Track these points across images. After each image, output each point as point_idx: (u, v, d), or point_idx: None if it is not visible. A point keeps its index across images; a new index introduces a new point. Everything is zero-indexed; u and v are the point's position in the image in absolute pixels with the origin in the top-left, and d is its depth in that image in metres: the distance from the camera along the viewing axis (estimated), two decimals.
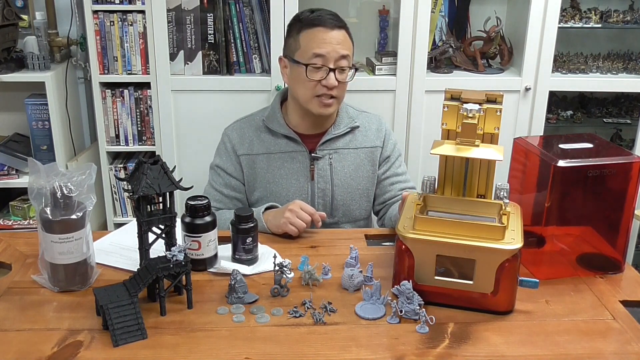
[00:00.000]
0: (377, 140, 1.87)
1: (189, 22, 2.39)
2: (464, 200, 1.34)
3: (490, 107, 1.28)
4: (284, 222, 1.58)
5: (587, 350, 1.15)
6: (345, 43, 1.74)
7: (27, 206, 2.54)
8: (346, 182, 1.83)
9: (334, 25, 1.72)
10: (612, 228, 1.42)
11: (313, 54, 1.71)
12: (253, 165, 1.83)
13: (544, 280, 1.33)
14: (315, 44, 1.71)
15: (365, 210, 1.89)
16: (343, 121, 1.83)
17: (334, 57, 1.71)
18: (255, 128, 1.85)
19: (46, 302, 1.28)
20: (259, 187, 1.83)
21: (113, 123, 2.48)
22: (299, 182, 1.81)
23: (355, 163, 1.84)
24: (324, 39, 1.71)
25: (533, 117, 2.50)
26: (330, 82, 1.70)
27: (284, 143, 1.82)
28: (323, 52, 1.70)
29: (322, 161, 1.81)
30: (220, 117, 2.07)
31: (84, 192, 1.28)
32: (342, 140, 1.83)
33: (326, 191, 1.82)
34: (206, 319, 1.23)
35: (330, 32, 1.71)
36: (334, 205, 1.84)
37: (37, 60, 2.38)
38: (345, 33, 1.75)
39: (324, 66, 1.71)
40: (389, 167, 1.88)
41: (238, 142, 1.84)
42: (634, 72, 2.61)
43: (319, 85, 1.72)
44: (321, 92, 1.72)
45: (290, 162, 1.81)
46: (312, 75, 1.71)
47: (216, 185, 1.84)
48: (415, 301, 1.22)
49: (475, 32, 2.64)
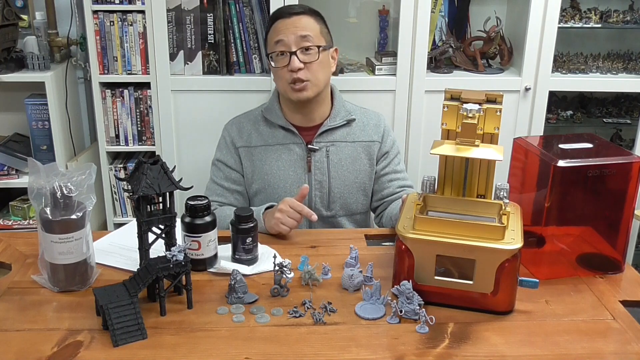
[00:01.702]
0: (375, 135, 1.89)
1: (189, 22, 2.39)
2: (464, 200, 1.34)
3: (490, 107, 1.28)
4: (275, 223, 1.59)
5: (587, 350, 1.15)
6: (306, 25, 1.77)
7: (27, 206, 2.54)
8: (343, 175, 1.85)
9: (292, 13, 1.78)
10: (612, 228, 1.42)
11: (274, 42, 1.77)
12: (251, 157, 1.86)
13: (544, 280, 1.33)
14: (275, 33, 1.78)
15: (362, 205, 1.90)
16: (339, 114, 1.86)
17: (293, 40, 1.75)
18: (253, 121, 1.89)
19: (46, 302, 1.28)
20: (257, 178, 1.86)
21: (113, 123, 2.47)
22: (296, 174, 1.83)
23: (352, 156, 1.86)
24: (282, 26, 1.77)
25: (533, 117, 2.50)
26: (292, 65, 1.74)
27: (281, 135, 1.85)
28: (281, 37, 1.76)
29: (319, 153, 1.84)
30: (220, 117, 2.07)
31: (84, 192, 1.28)
32: (339, 132, 1.86)
33: (323, 183, 1.84)
34: (206, 319, 1.23)
35: (288, 19, 1.77)
36: (331, 198, 1.85)
37: (37, 60, 2.38)
38: (308, 17, 1.79)
39: (286, 52, 1.75)
40: (387, 164, 1.90)
41: (237, 135, 1.88)
42: (634, 72, 2.61)
43: (288, 72, 1.75)
44: (291, 77, 1.75)
45: (287, 153, 1.84)
46: (277, 63, 1.77)
47: (217, 179, 1.88)
48: (415, 301, 1.22)
49: (475, 32, 2.64)
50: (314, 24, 1.79)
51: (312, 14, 1.81)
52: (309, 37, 1.75)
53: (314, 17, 1.81)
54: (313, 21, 1.80)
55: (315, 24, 1.80)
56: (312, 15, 1.81)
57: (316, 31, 1.79)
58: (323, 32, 1.82)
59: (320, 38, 1.79)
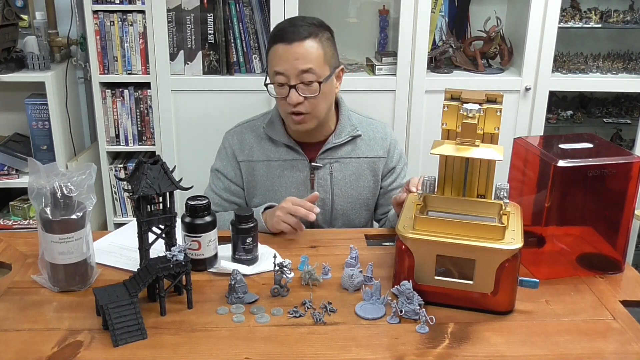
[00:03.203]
0: (380, 151, 1.81)
1: (189, 22, 2.39)
2: (464, 200, 1.34)
3: (490, 107, 1.28)
4: (276, 221, 1.57)
5: (587, 350, 1.15)
6: (307, 56, 1.62)
7: (27, 206, 2.54)
8: (346, 192, 1.80)
9: (293, 38, 1.63)
10: (612, 228, 1.42)
11: (274, 72, 1.66)
12: (252, 172, 1.80)
13: (544, 280, 1.33)
14: (275, 61, 1.66)
15: (364, 219, 1.86)
16: (345, 130, 1.78)
17: (294, 74, 1.63)
18: (256, 134, 1.81)
19: (46, 302, 1.28)
20: (258, 193, 1.81)
21: (113, 123, 2.48)
22: (299, 191, 1.77)
23: (356, 173, 1.80)
24: (282, 56, 1.64)
25: (533, 117, 2.50)
26: (291, 100, 1.64)
27: (284, 151, 1.78)
28: (281, 70, 1.64)
29: (323, 170, 1.78)
30: (220, 117, 2.07)
31: (84, 192, 1.28)
32: (343, 149, 1.79)
33: (326, 200, 1.79)
34: (206, 319, 1.23)
35: (289, 47, 1.63)
36: (333, 215, 1.81)
37: (37, 60, 2.38)
38: (311, 43, 1.63)
39: (285, 84, 1.65)
40: (394, 179, 1.84)
41: (238, 147, 1.81)
42: (634, 72, 2.61)
43: (287, 104, 1.66)
44: (290, 109, 1.67)
45: (290, 170, 1.78)
46: (276, 93, 1.68)
47: (216, 189, 1.83)
48: (415, 301, 1.22)
49: (475, 32, 2.64)
50: (317, 50, 1.64)
51: (315, 36, 1.64)
52: (311, 70, 1.63)
53: (318, 41, 1.65)
54: (316, 47, 1.64)
55: (318, 49, 1.64)
56: (315, 38, 1.64)
57: (319, 60, 1.64)
58: (327, 56, 1.67)
59: (324, 67, 1.65)
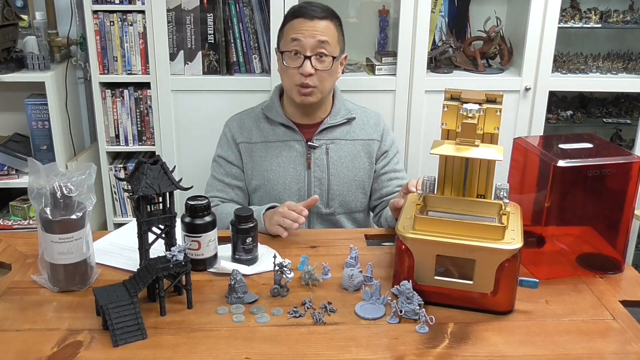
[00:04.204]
0: (374, 134, 1.90)
1: (189, 22, 2.39)
2: (463, 200, 1.34)
3: (490, 107, 1.28)
4: (274, 225, 1.59)
5: (587, 350, 1.15)
6: (326, 31, 1.74)
7: (27, 206, 2.54)
8: (342, 172, 1.86)
9: (314, 15, 1.74)
10: (612, 228, 1.42)
11: (291, 39, 1.74)
12: (251, 153, 1.87)
13: (544, 280, 1.33)
14: (294, 30, 1.75)
15: (361, 203, 1.91)
16: (340, 112, 1.87)
17: (311, 44, 1.73)
18: (254, 118, 1.90)
19: (46, 302, 1.28)
20: (256, 175, 1.86)
21: (113, 123, 2.47)
22: (296, 171, 1.84)
23: (351, 154, 1.87)
24: (302, 26, 1.74)
25: (533, 117, 2.50)
26: (304, 69, 1.73)
27: (281, 132, 1.86)
28: (299, 37, 1.73)
29: (319, 150, 1.85)
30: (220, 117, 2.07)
31: (84, 192, 1.28)
32: (338, 130, 1.86)
33: (322, 180, 1.85)
34: (206, 319, 1.23)
35: (310, 21, 1.74)
36: (330, 195, 1.86)
37: (37, 60, 2.38)
38: (329, 23, 1.76)
39: (300, 54, 1.73)
40: (387, 163, 1.91)
41: (237, 130, 1.89)
42: (634, 72, 2.61)
43: (298, 73, 1.74)
44: (300, 81, 1.75)
45: (287, 150, 1.85)
46: (289, 63, 1.76)
47: (218, 175, 1.88)
48: (415, 301, 1.22)
49: (475, 32, 2.64)
50: (333, 30, 1.77)
51: (333, 18, 1.78)
52: (327, 45, 1.74)
53: (334, 23, 1.78)
54: (333, 27, 1.77)
55: (334, 30, 1.77)
56: (332, 20, 1.77)
57: (334, 38, 1.77)
58: (339, 39, 1.80)
59: (336, 47, 1.78)
